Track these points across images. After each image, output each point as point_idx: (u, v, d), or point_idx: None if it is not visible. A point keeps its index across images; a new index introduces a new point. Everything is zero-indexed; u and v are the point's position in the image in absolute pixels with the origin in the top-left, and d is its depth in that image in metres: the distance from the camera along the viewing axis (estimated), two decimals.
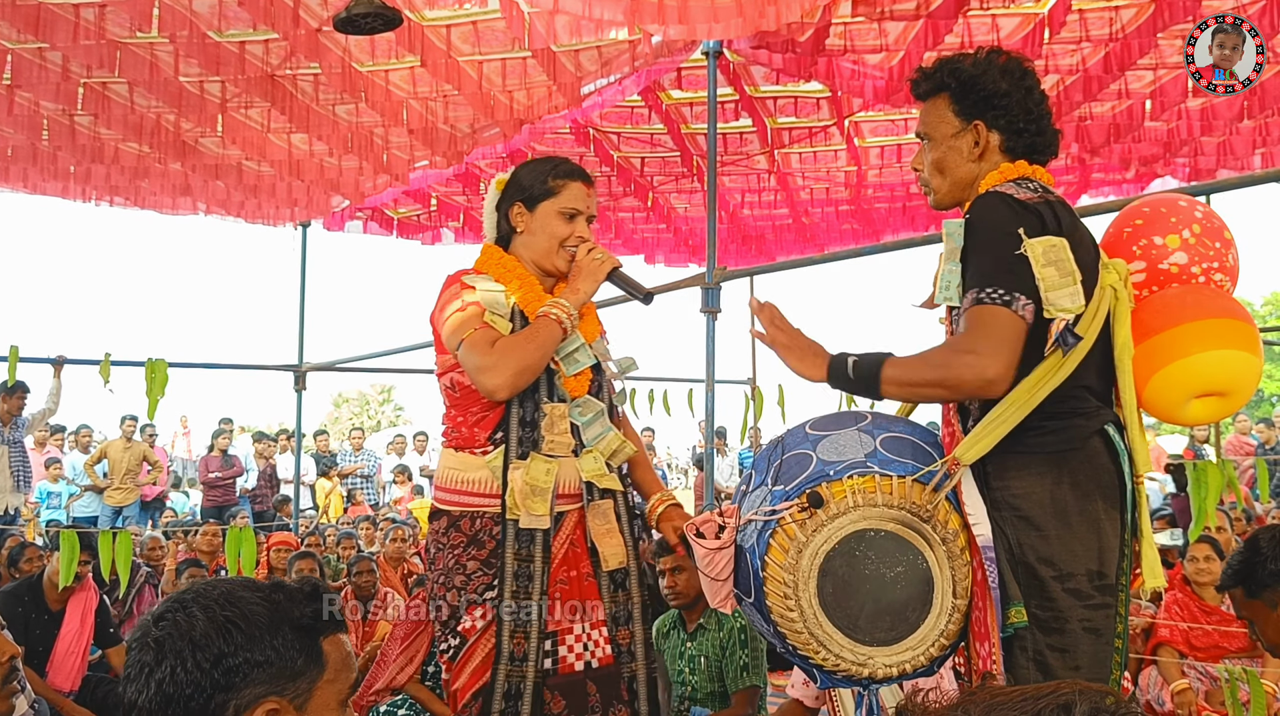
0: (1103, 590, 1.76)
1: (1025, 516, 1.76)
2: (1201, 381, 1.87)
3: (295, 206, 7.34)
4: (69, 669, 4.37)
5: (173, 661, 1.14)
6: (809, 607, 1.76)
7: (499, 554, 2.23)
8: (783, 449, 1.98)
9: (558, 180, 2.37)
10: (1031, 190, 1.85)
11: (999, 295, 1.74)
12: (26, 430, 8.41)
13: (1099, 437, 1.82)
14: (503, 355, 2.19)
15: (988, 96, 1.93)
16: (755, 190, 7.64)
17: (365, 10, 3.71)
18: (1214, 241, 1.98)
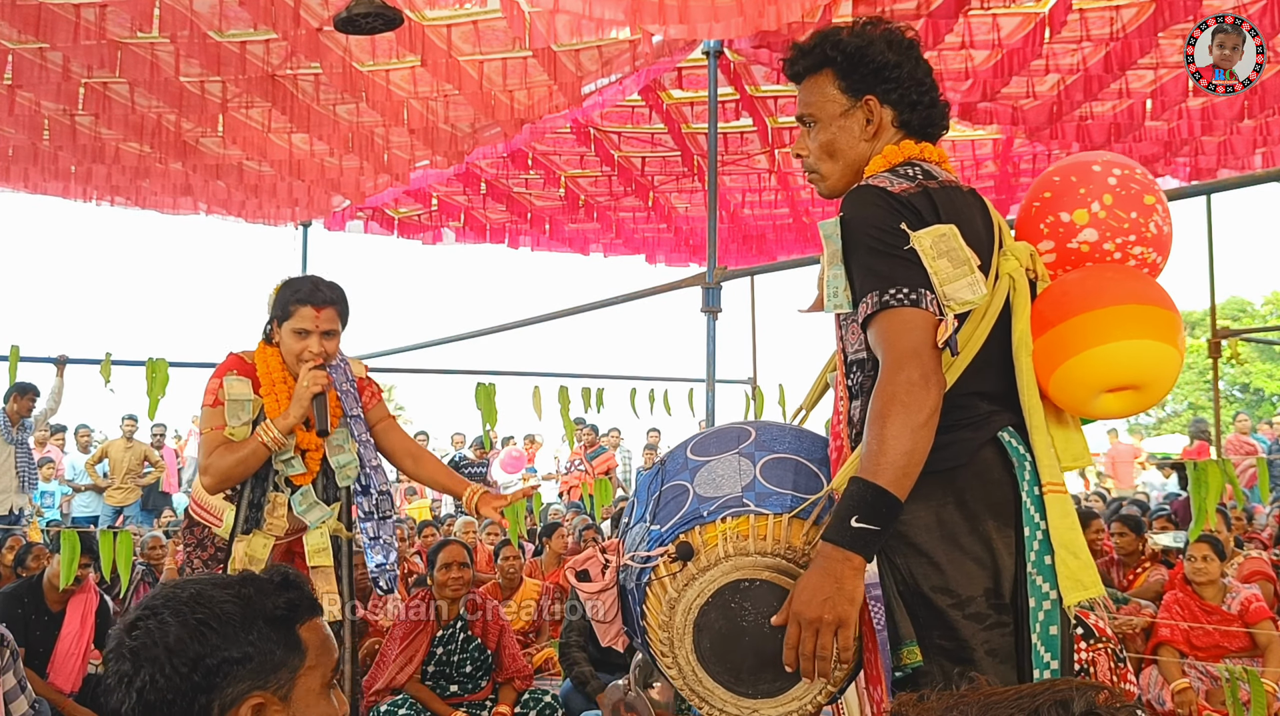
0: (999, 609, 1.63)
1: (913, 544, 1.62)
2: (1110, 374, 1.69)
3: (296, 206, 7.34)
4: (70, 669, 4.37)
5: (150, 669, 1.14)
6: (686, 663, 1.67)
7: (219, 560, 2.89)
8: (663, 477, 1.86)
9: (293, 305, 2.85)
10: (909, 179, 1.69)
11: (905, 295, 1.60)
12: (31, 430, 8.41)
13: (991, 448, 1.67)
14: (214, 462, 2.77)
15: (878, 69, 1.77)
16: (755, 190, 7.64)
17: (366, 10, 3.71)
18: (1129, 211, 1.74)
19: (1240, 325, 20.03)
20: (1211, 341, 5.76)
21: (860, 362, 1.75)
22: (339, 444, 2.94)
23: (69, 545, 4.23)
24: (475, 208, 7.84)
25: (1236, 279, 38.45)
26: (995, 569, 1.64)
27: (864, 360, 1.73)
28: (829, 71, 1.80)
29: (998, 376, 1.70)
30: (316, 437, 2.86)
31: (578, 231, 8.45)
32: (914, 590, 1.62)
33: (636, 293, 5.71)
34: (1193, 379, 28.69)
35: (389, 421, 3.10)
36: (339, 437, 2.94)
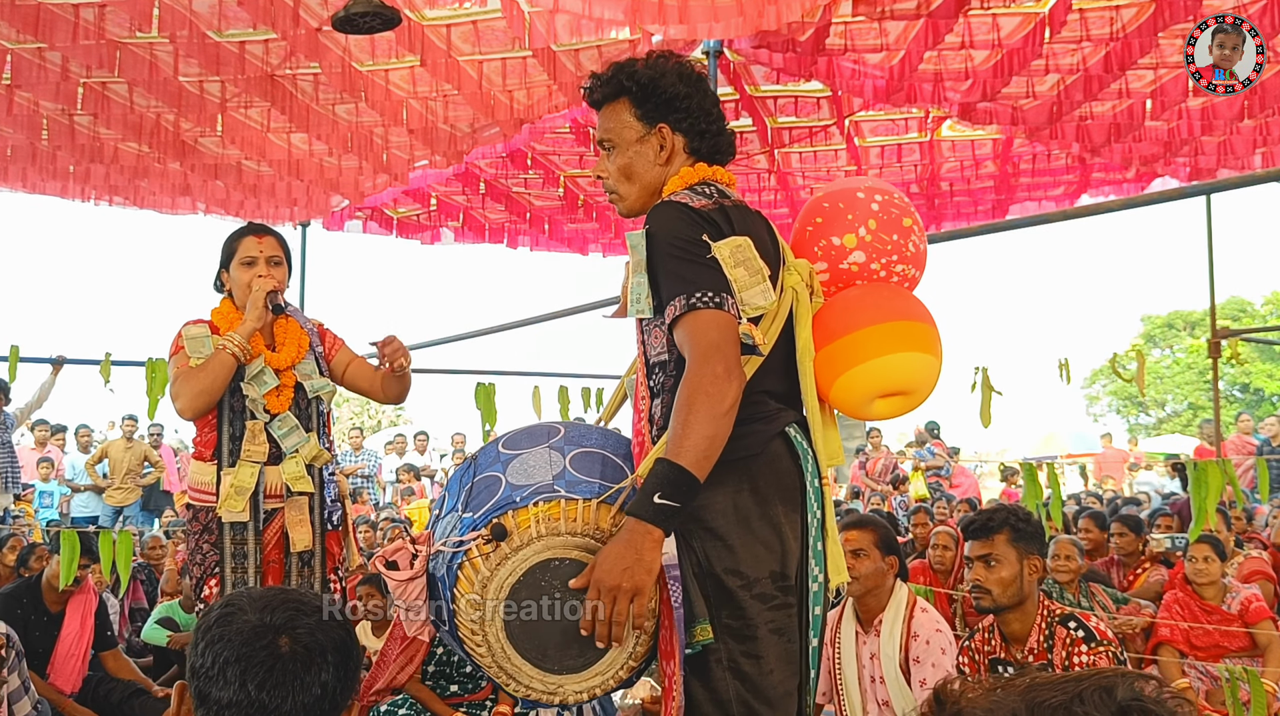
0: (784, 590, 1.78)
1: (709, 528, 1.75)
2: (882, 383, 1.93)
3: (295, 206, 7.34)
4: (70, 670, 4.36)
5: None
6: (495, 641, 1.74)
7: (220, 541, 2.87)
8: (475, 470, 1.94)
9: (234, 242, 2.98)
10: (706, 196, 1.84)
11: (710, 298, 1.73)
12: (13, 427, 8.38)
13: (780, 440, 1.83)
14: (182, 384, 2.80)
15: (669, 99, 1.91)
16: (755, 190, 7.63)
17: (364, 9, 3.71)
18: (891, 233, 1.98)
19: (1240, 325, 20.03)
20: (1211, 341, 5.76)
21: (662, 364, 1.88)
22: (308, 372, 2.99)
23: (69, 545, 4.23)
24: (474, 207, 7.83)
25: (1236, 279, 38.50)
26: (782, 551, 1.79)
27: (665, 362, 1.87)
28: (625, 100, 1.95)
29: (781, 379, 1.89)
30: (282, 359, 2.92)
31: (577, 231, 8.44)
32: (708, 571, 1.75)
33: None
34: (1193, 379, 28.69)
35: (357, 360, 3.15)
36: (308, 366, 2.99)
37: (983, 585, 2.87)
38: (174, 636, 5.16)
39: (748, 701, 1.73)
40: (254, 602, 1.27)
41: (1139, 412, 30.60)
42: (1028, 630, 2.90)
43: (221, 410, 2.88)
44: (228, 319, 2.95)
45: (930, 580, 5.16)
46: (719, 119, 1.97)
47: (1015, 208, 7.70)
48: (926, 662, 3.08)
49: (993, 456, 14.68)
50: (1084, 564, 4.68)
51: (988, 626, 3.05)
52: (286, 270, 3.00)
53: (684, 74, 1.94)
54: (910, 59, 4.96)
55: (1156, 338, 30.34)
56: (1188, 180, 6.60)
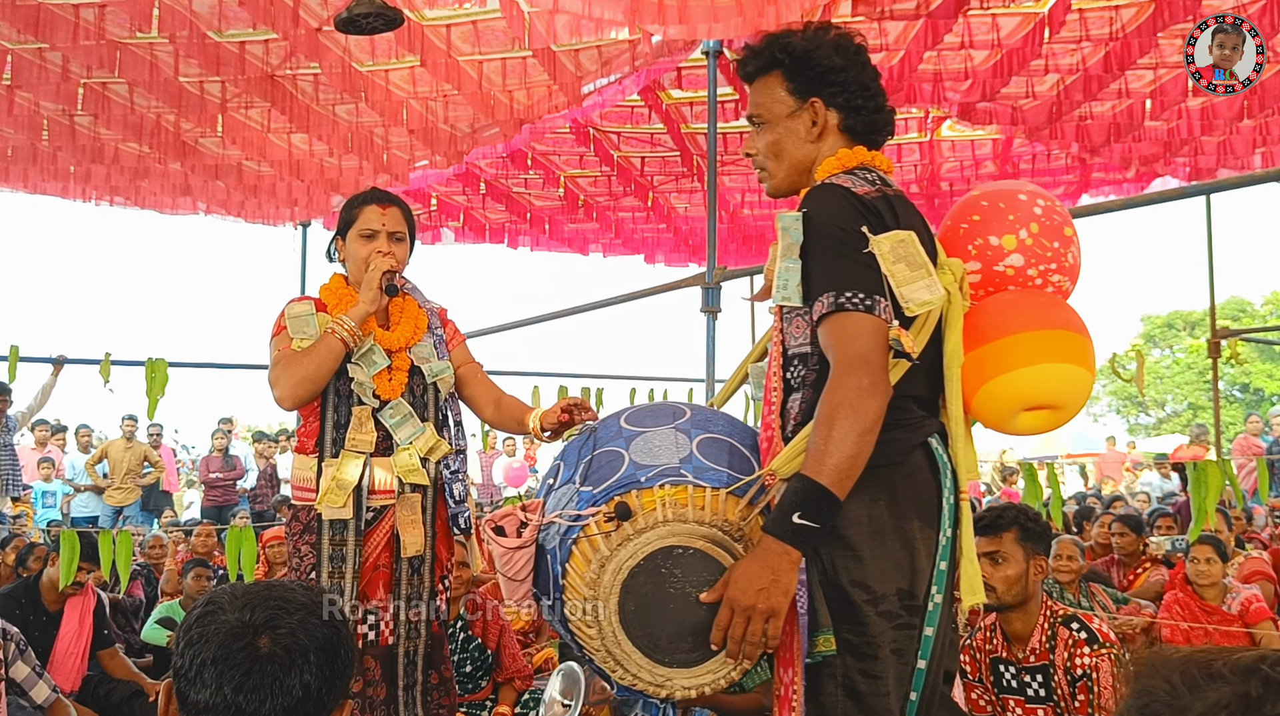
0: (910, 610, 1.67)
1: (840, 536, 1.65)
2: (1030, 395, 1.79)
3: (295, 206, 7.34)
4: (69, 670, 4.36)
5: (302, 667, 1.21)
6: (608, 625, 1.66)
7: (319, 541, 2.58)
8: (595, 442, 1.85)
9: (356, 209, 2.62)
10: (869, 183, 1.74)
11: (859, 300, 1.63)
12: (16, 429, 8.38)
13: (922, 451, 1.72)
14: (282, 370, 2.51)
15: (823, 72, 1.79)
16: (755, 190, 7.64)
17: (366, 10, 3.71)
18: (1053, 240, 1.85)
19: (1240, 325, 20.03)
20: (1211, 341, 5.77)
21: (803, 357, 1.77)
22: (425, 355, 2.65)
23: (69, 546, 4.23)
24: (474, 207, 7.84)
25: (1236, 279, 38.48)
26: (912, 569, 1.68)
27: (806, 354, 1.75)
28: (778, 73, 1.84)
29: (926, 384, 1.77)
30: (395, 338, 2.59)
31: (577, 231, 8.45)
32: (833, 581, 1.66)
33: (636, 292, 5.71)
34: (1193, 379, 28.68)
35: (473, 366, 2.78)
36: (425, 349, 2.65)
37: (987, 582, 2.87)
38: (174, 636, 5.16)
39: None
40: (235, 601, 1.22)
41: (1139, 412, 30.60)
42: (1030, 630, 2.90)
43: (326, 395, 2.56)
44: (338, 297, 2.63)
45: None
46: (877, 94, 1.83)
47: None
48: None
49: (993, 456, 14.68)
50: (1085, 564, 4.68)
51: (989, 625, 3.05)
52: (409, 247, 2.67)
53: (841, 46, 1.81)
54: (910, 59, 4.97)
55: (1156, 338, 30.34)
56: (1188, 180, 6.60)
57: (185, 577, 5.31)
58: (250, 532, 4.88)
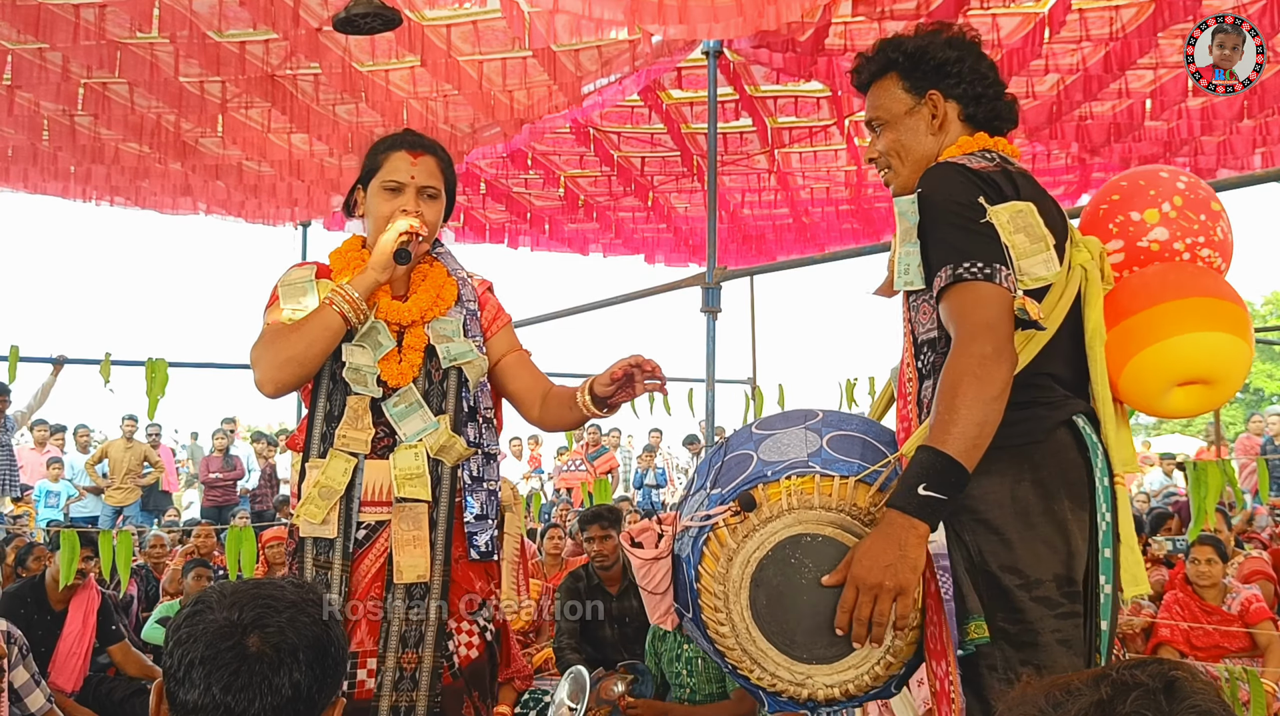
0: (1071, 597, 1.58)
1: (984, 520, 1.58)
2: (1183, 367, 1.67)
3: (295, 206, 7.34)
4: (71, 669, 4.37)
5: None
6: (740, 621, 1.61)
7: (301, 561, 2.05)
8: (726, 450, 1.82)
9: (380, 154, 2.11)
10: (989, 160, 1.71)
11: (979, 269, 1.57)
12: (15, 429, 8.38)
13: (1066, 429, 1.63)
14: (265, 347, 2.00)
15: (939, 64, 1.79)
16: (755, 190, 7.64)
17: (365, 10, 3.71)
18: (1199, 213, 1.76)
19: None
20: None
21: (931, 342, 1.72)
22: (448, 333, 2.11)
23: (69, 544, 4.24)
24: (475, 207, 7.84)
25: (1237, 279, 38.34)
26: (1068, 553, 1.58)
27: (935, 339, 1.71)
28: (893, 74, 1.84)
29: (1067, 364, 1.69)
30: (409, 310, 2.08)
31: (577, 231, 8.45)
32: (980, 568, 1.57)
33: (636, 293, 5.71)
34: None
35: (520, 354, 2.24)
36: (448, 325, 2.12)
37: None
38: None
39: None
40: (224, 600, 1.20)
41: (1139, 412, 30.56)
42: None
43: (319, 381, 2.06)
44: (347, 261, 2.12)
45: None
46: (995, 83, 1.82)
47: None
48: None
49: None
50: None
51: None
52: (444, 206, 2.17)
53: (953, 40, 1.81)
54: None
55: None
56: None
57: (186, 577, 5.32)
58: (250, 533, 4.89)
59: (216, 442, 10.79)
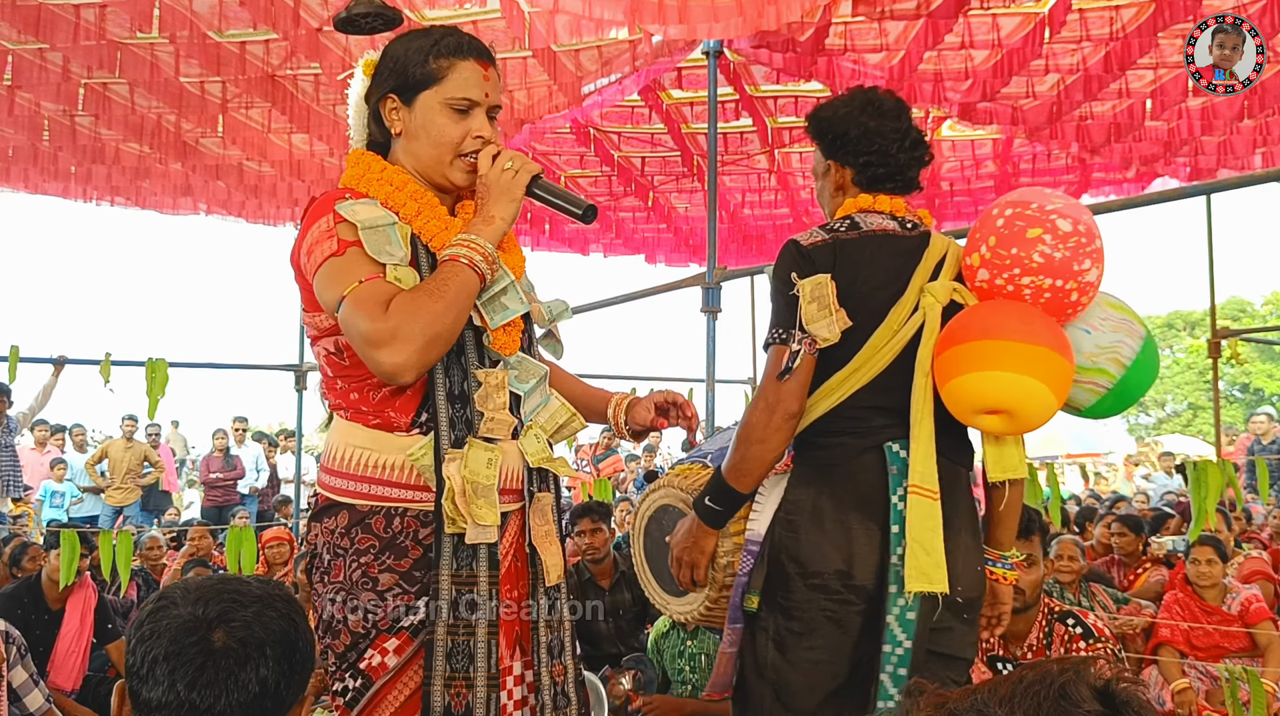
0: (849, 589, 1.93)
1: (789, 520, 1.99)
2: (979, 399, 1.91)
3: (296, 206, 7.34)
4: (70, 668, 4.37)
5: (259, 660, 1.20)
6: (638, 557, 2.28)
7: (426, 569, 1.65)
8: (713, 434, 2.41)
9: (441, 59, 1.69)
10: (834, 231, 2.03)
11: (777, 334, 1.98)
12: (17, 431, 8.38)
13: (873, 454, 1.97)
14: (404, 322, 1.54)
15: (834, 139, 2.13)
16: (755, 190, 7.64)
17: (365, 10, 3.71)
18: (1010, 248, 1.95)
19: (1240, 325, 20.02)
20: (1211, 341, 5.76)
21: None
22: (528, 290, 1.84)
23: (69, 544, 4.24)
24: None
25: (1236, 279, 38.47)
26: (850, 554, 1.94)
27: None
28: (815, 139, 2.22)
29: (903, 394, 1.97)
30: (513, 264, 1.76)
31: (578, 231, 8.45)
32: (775, 555, 2.00)
33: (636, 292, 5.71)
34: (1193, 379, 28.68)
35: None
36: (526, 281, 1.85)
37: (1017, 586, 2.86)
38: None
39: (777, 666, 1.97)
40: (188, 595, 1.17)
41: (1139, 412, 30.59)
42: (1029, 627, 2.90)
43: None
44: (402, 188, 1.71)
45: None
46: (884, 151, 2.09)
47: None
48: None
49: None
50: (1085, 564, 4.68)
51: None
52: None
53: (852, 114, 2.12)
54: (910, 59, 4.97)
55: (1156, 337, 30.28)
56: (1188, 180, 6.60)
57: (186, 577, 5.32)
58: (250, 533, 4.89)
59: (216, 442, 10.79)
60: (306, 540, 1.79)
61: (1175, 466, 11.41)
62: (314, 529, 1.74)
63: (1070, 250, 1.94)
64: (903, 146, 2.10)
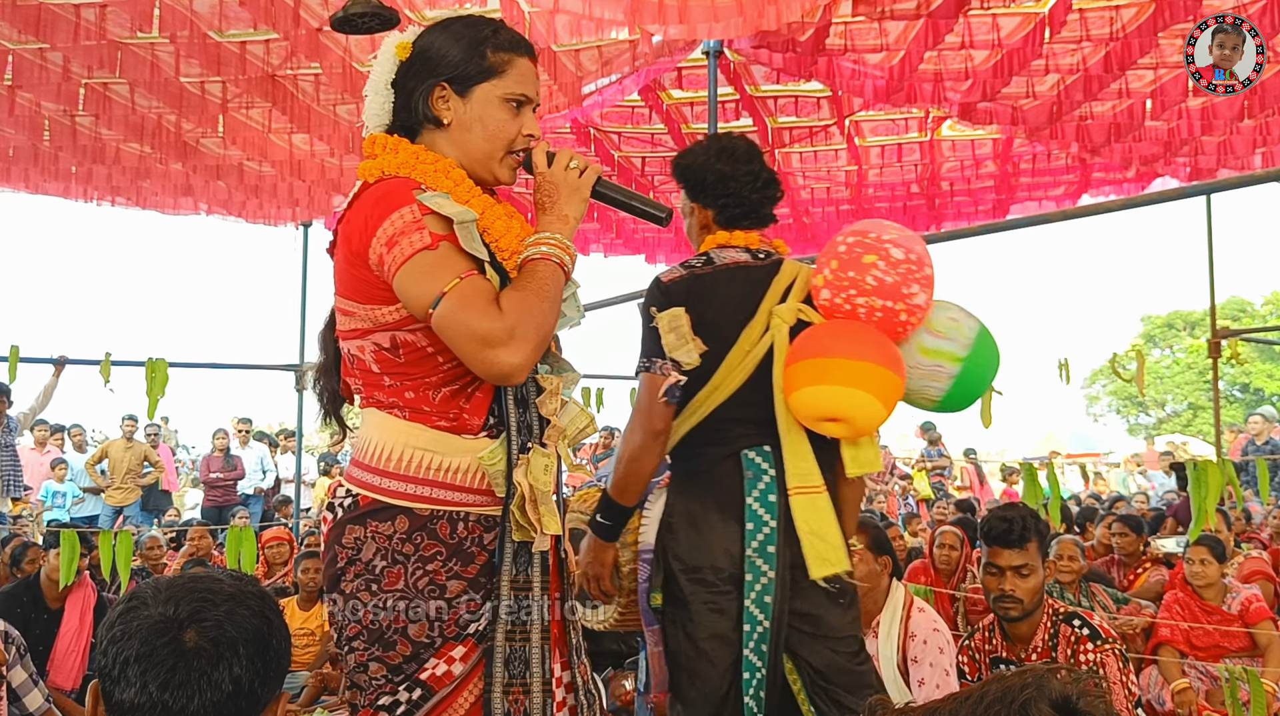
0: (724, 580, 2.20)
1: (670, 523, 2.28)
2: (818, 407, 2.16)
3: (296, 206, 7.34)
4: (69, 667, 4.38)
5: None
6: None
7: (490, 575, 1.63)
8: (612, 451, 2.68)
9: (501, 53, 1.67)
10: (691, 267, 2.30)
11: (643, 363, 2.24)
12: (18, 431, 8.38)
13: (731, 461, 2.24)
14: (520, 321, 1.51)
15: (694, 184, 2.40)
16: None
17: (363, 10, 3.71)
18: (848, 271, 2.22)
19: (1240, 325, 20.02)
20: (1211, 341, 5.76)
21: None
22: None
23: (69, 543, 4.24)
24: None
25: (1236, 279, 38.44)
26: (719, 550, 2.21)
27: None
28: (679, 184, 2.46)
29: (760, 406, 2.23)
30: None
31: (578, 231, 8.44)
32: (663, 557, 2.27)
33: (637, 292, 5.72)
34: (1193, 379, 28.67)
35: None
36: None
37: (1014, 595, 2.84)
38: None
39: (688, 653, 2.23)
40: (159, 595, 1.17)
41: (1139, 413, 30.58)
42: (1034, 630, 2.89)
43: None
44: (461, 182, 1.67)
45: (932, 580, 5.16)
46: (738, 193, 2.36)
47: (1015, 208, 7.70)
48: (924, 662, 3.08)
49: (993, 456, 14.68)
50: (1085, 564, 4.69)
51: (988, 625, 3.04)
52: None
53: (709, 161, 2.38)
54: (910, 59, 4.97)
55: (1156, 338, 30.32)
56: (1188, 180, 6.60)
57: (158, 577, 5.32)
58: (250, 533, 4.89)
59: (216, 442, 10.79)
60: (337, 542, 1.65)
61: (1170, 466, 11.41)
62: (353, 532, 1.62)
63: (900, 275, 2.20)
64: (755, 187, 2.37)
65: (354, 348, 1.67)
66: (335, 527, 1.65)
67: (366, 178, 1.67)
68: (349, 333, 1.67)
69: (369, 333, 1.63)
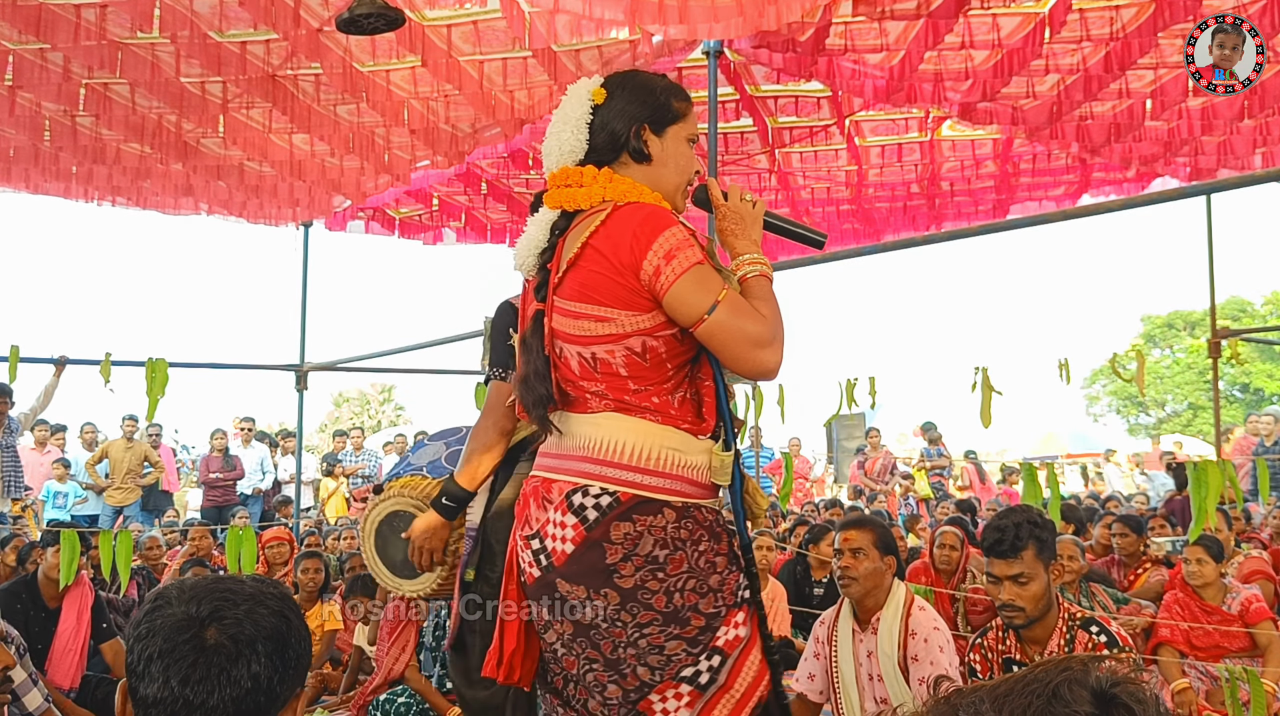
0: None
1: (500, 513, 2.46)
2: None
3: (297, 206, 7.35)
4: (68, 666, 4.37)
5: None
6: (369, 553, 2.75)
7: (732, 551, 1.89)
8: (413, 447, 3.08)
9: (682, 101, 1.95)
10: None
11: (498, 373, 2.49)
12: (19, 432, 8.37)
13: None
14: (778, 327, 1.80)
15: None
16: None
17: (368, 10, 3.72)
18: None
19: (1240, 325, 20.02)
20: (1211, 341, 5.77)
21: None
22: None
23: (69, 544, 4.24)
24: (476, 208, 7.84)
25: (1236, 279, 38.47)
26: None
27: None
28: None
29: None
30: None
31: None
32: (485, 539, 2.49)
33: None
34: (1193, 379, 28.68)
35: None
36: None
37: (1015, 603, 2.82)
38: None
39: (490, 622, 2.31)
40: (183, 594, 1.22)
41: (1139, 413, 30.59)
42: (1049, 633, 2.87)
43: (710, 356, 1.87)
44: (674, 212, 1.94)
45: (932, 580, 5.16)
46: None
47: (1015, 208, 7.71)
48: (925, 661, 3.08)
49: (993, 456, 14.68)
50: (1085, 564, 4.69)
51: (1001, 625, 3.03)
52: None
53: None
54: (910, 59, 4.97)
55: (1156, 338, 30.33)
56: (1188, 180, 6.61)
57: (184, 576, 5.32)
58: (250, 533, 4.89)
59: (216, 442, 10.79)
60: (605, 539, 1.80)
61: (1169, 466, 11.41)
62: (621, 528, 1.79)
63: None
64: None
65: (602, 351, 1.83)
66: (597, 525, 1.80)
67: (592, 202, 1.87)
68: (601, 337, 1.82)
69: (624, 337, 1.81)
